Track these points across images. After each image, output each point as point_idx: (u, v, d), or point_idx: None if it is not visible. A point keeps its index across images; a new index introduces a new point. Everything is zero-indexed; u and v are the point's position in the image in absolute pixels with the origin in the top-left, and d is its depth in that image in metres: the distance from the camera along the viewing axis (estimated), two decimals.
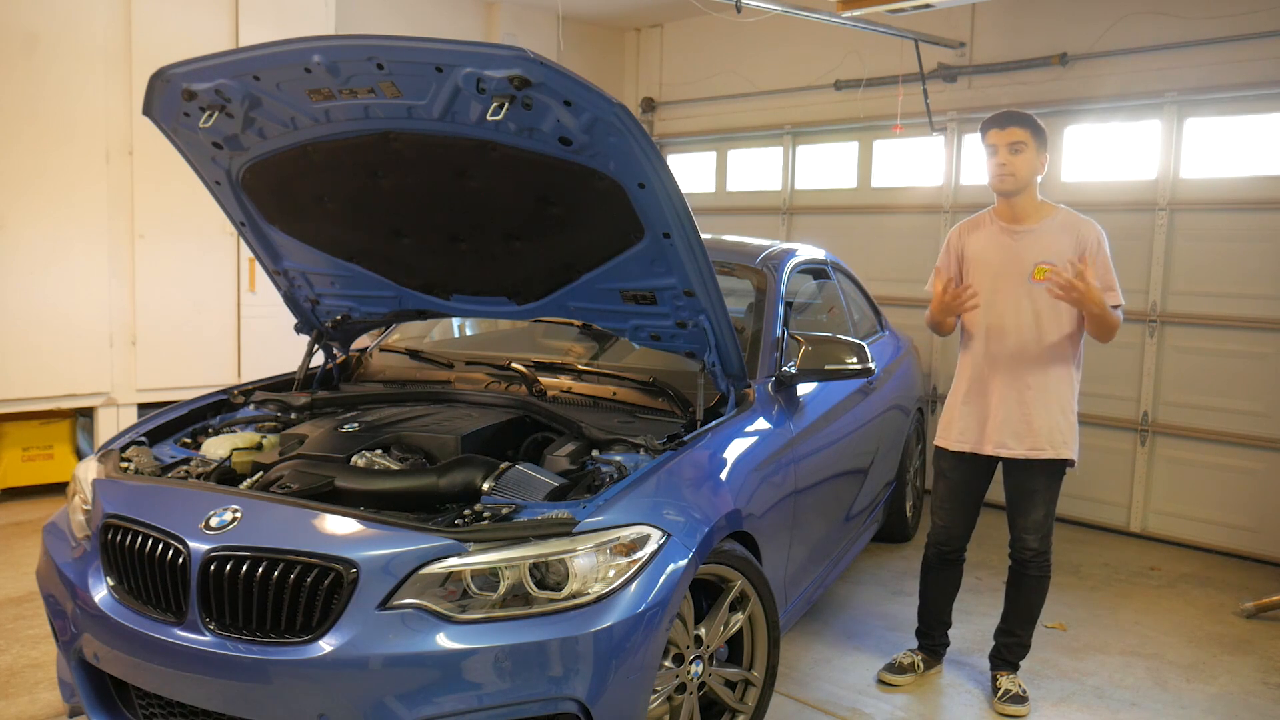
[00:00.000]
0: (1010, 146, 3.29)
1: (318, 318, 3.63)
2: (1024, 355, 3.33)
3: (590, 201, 2.72)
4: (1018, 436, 3.34)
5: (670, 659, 2.63)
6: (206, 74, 2.71)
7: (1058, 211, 3.37)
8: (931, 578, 3.67)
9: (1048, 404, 3.31)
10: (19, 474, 5.60)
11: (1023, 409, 3.33)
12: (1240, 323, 5.24)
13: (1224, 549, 5.33)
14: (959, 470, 3.51)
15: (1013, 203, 3.36)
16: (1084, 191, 5.76)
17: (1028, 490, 3.39)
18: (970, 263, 3.45)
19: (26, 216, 5.33)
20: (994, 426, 3.38)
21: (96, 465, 2.85)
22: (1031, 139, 3.28)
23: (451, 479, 2.55)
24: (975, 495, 3.53)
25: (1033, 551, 3.42)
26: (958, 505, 3.53)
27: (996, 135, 3.31)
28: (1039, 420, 3.31)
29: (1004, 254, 3.36)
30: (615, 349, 3.69)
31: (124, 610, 2.45)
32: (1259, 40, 5.12)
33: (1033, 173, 3.32)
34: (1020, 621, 3.53)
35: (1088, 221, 3.33)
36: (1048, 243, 3.31)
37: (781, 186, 7.38)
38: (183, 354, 5.90)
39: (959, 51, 6.29)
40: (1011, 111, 3.34)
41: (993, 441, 3.39)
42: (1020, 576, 3.49)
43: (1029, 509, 3.40)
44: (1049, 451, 3.32)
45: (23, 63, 5.24)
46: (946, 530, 3.57)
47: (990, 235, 3.42)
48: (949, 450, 3.51)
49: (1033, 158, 3.29)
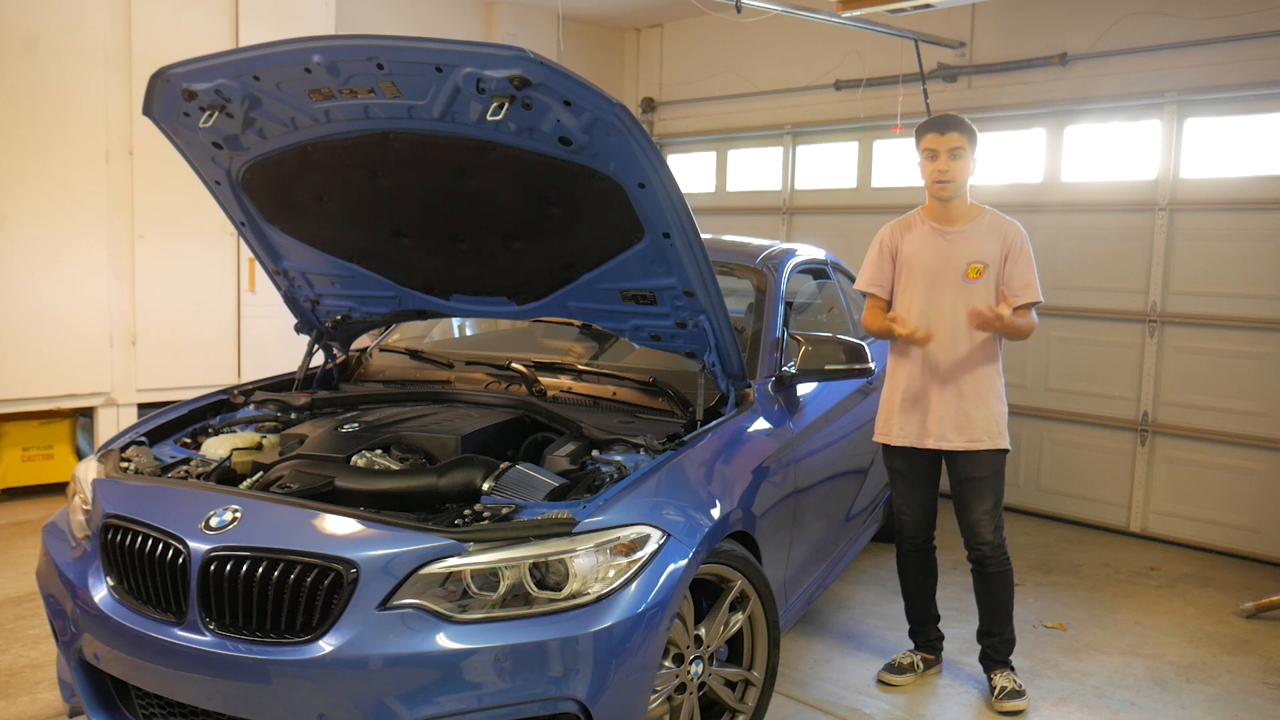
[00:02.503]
0: (950, 152, 3.35)
1: (318, 318, 3.64)
2: (958, 351, 3.40)
3: (590, 201, 2.73)
4: (957, 429, 3.40)
5: (670, 659, 2.63)
6: (206, 74, 2.71)
7: (985, 213, 3.46)
8: (910, 573, 3.70)
9: (983, 397, 3.39)
10: (19, 474, 5.60)
11: (960, 403, 3.40)
12: (1240, 323, 5.24)
13: (1224, 549, 5.33)
14: (909, 465, 3.56)
15: (947, 205, 3.44)
16: (1084, 191, 5.76)
17: (974, 480, 3.43)
18: (905, 262, 3.51)
19: (26, 216, 5.33)
20: (934, 421, 3.43)
21: (96, 465, 2.85)
22: (968, 144, 3.37)
23: (451, 479, 2.55)
24: (929, 483, 3.59)
25: (988, 544, 3.44)
26: (918, 499, 3.59)
27: (936, 140, 3.37)
28: (976, 413, 3.39)
29: (937, 254, 3.43)
30: (615, 349, 3.69)
31: (124, 610, 2.45)
32: (1259, 40, 5.12)
33: (968, 177, 3.41)
34: (995, 620, 3.55)
35: (1012, 222, 3.44)
36: (978, 243, 3.40)
37: (781, 186, 7.38)
38: (183, 354, 5.90)
39: (959, 51, 6.29)
40: (950, 116, 3.41)
41: (933, 435, 3.44)
42: (981, 575, 3.52)
43: (978, 500, 3.43)
44: (986, 443, 3.39)
45: (23, 63, 5.24)
46: (914, 524, 3.62)
47: (923, 236, 3.48)
48: (895, 447, 3.55)
49: (969, 163, 3.39)
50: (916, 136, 3.43)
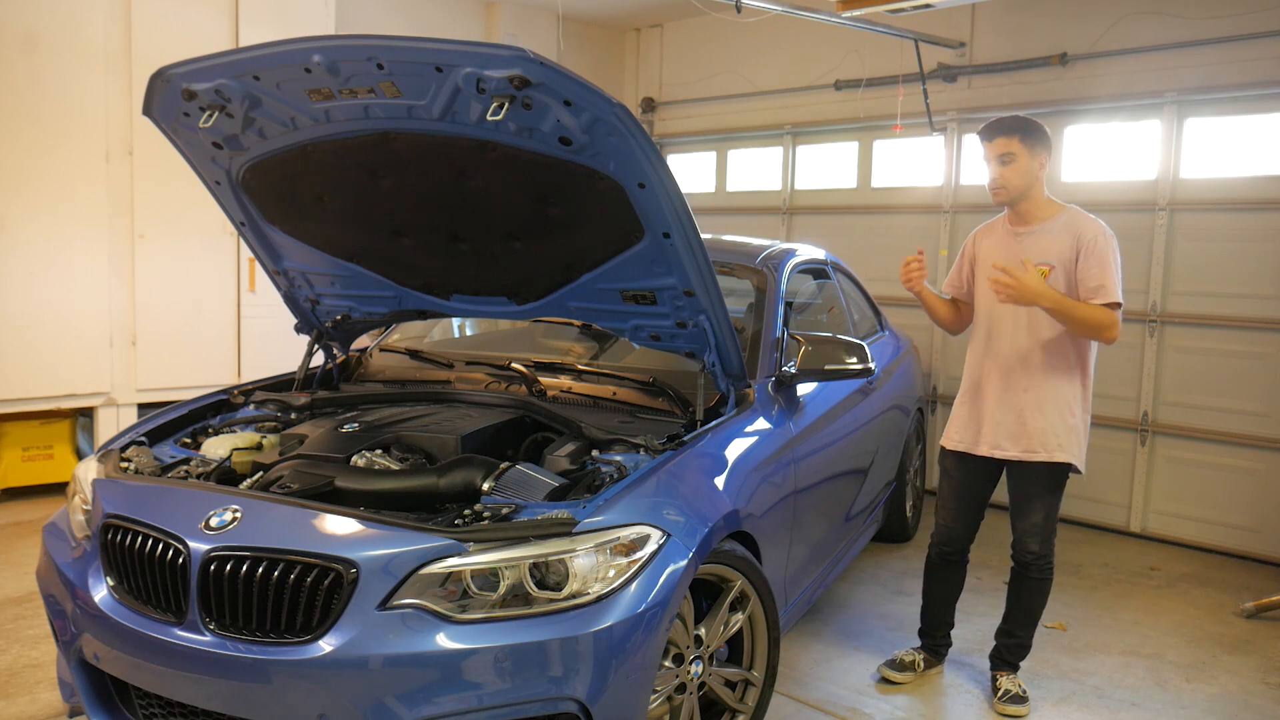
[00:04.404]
0: (999, 159, 3.28)
1: (318, 318, 3.63)
2: (1020, 356, 3.33)
3: (590, 201, 2.72)
4: (1012, 438, 3.34)
5: (670, 659, 2.63)
6: (206, 74, 2.71)
7: (1064, 212, 3.35)
8: (933, 578, 3.67)
9: (1043, 406, 3.29)
10: (19, 474, 5.60)
11: (1017, 411, 3.32)
12: (1240, 323, 5.24)
13: (1224, 549, 5.33)
14: (961, 470, 3.51)
15: (1018, 208, 3.37)
16: (1084, 191, 5.76)
17: (1026, 494, 3.38)
18: (979, 265, 3.47)
19: (27, 216, 5.33)
20: (990, 427, 3.38)
21: (96, 465, 2.85)
22: (1021, 145, 3.25)
23: (451, 479, 2.55)
24: (978, 497, 3.52)
25: (1033, 555, 3.40)
26: (960, 506, 3.53)
27: (985, 148, 3.32)
28: (1033, 422, 3.30)
29: (1007, 255, 3.33)
30: (615, 349, 3.69)
31: (124, 610, 2.44)
32: (1259, 40, 5.12)
33: (1028, 178, 3.29)
34: (1020, 623, 3.52)
35: (1091, 220, 3.29)
36: (1048, 243, 3.30)
37: (781, 186, 7.38)
38: (183, 354, 5.90)
39: (959, 51, 6.29)
40: (998, 121, 3.32)
41: (988, 442, 3.39)
42: (1021, 579, 3.48)
43: (1027, 512, 3.38)
44: (1042, 454, 3.30)
45: (23, 63, 5.24)
46: (948, 530, 3.57)
47: (998, 238, 3.45)
48: (949, 450, 3.52)
49: (1026, 164, 3.27)
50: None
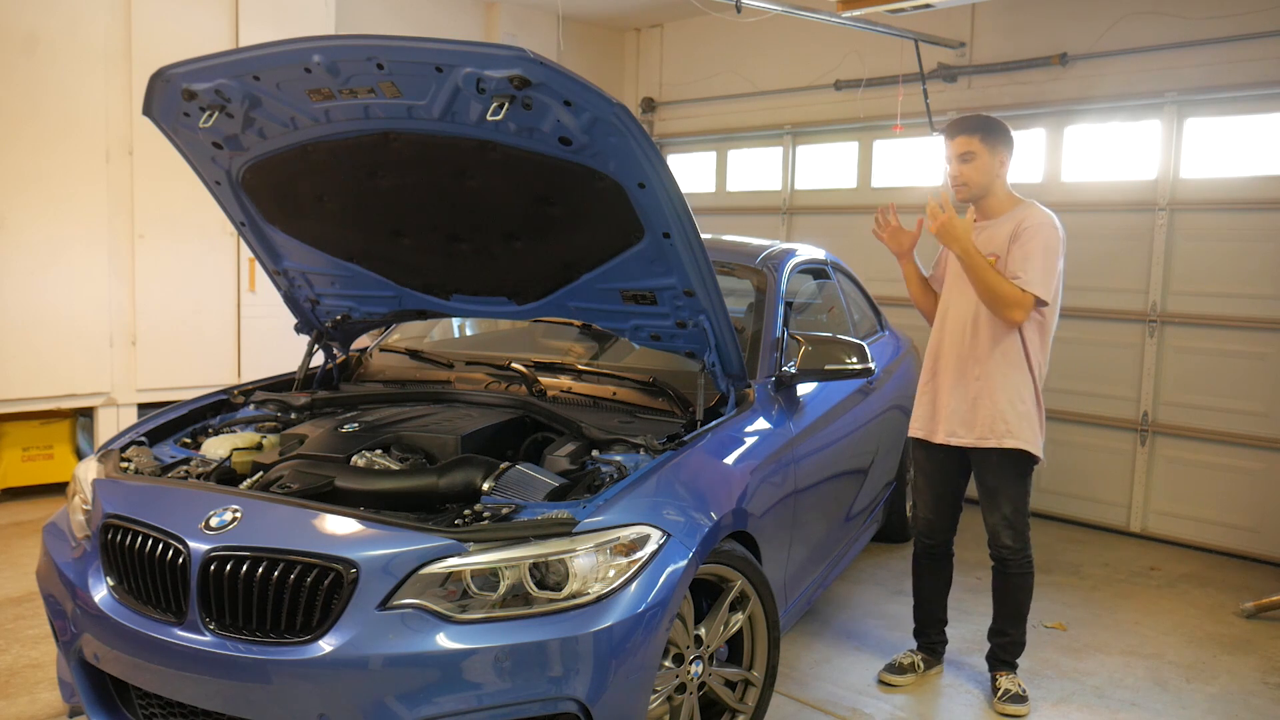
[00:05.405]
0: (960, 157, 3.34)
1: (318, 318, 3.63)
2: (974, 345, 3.37)
3: (590, 201, 2.73)
4: (966, 425, 3.38)
5: (670, 659, 2.63)
6: (206, 74, 2.71)
7: (1019, 206, 3.39)
8: (921, 574, 3.69)
9: (993, 394, 3.33)
10: (19, 474, 5.59)
11: (970, 398, 3.37)
12: (1240, 323, 5.24)
13: (1224, 549, 5.33)
14: (928, 460, 3.55)
15: (980, 204, 3.42)
16: (1084, 191, 5.76)
17: (989, 486, 3.41)
18: (949, 257, 3.52)
19: (26, 216, 5.33)
20: (945, 415, 3.42)
21: (96, 465, 2.85)
22: (982, 144, 3.31)
23: (451, 479, 2.55)
24: (950, 486, 3.55)
25: (1008, 549, 3.42)
26: (934, 496, 3.57)
27: (947, 146, 3.37)
28: (984, 409, 3.34)
29: None
30: (615, 349, 3.69)
31: (124, 610, 2.45)
32: (1259, 40, 5.12)
33: (988, 176, 3.34)
34: (1009, 620, 3.53)
35: (1039, 212, 3.33)
36: (996, 235, 3.36)
37: (781, 186, 7.38)
38: (183, 354, 5.90)
39: (959, 51, 6.29)
40: (960, 120, 3.38)
41: (944, 429, 3.43)
42: (1002, 575, 3.50)
43: (994, 505, 3.41)
44: (993, 440, 3.33)
45: (23, 63, 5.24)
46: (929, 523, 3.60)
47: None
48: (914, 438, 3.56)
49: (986, 162, 3.32)
50: None
